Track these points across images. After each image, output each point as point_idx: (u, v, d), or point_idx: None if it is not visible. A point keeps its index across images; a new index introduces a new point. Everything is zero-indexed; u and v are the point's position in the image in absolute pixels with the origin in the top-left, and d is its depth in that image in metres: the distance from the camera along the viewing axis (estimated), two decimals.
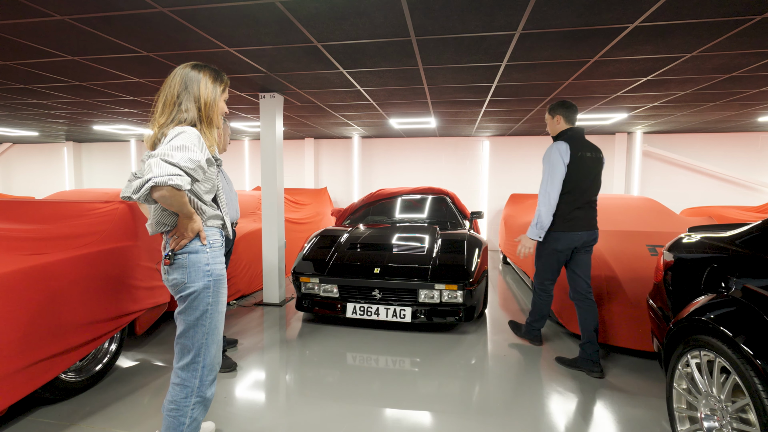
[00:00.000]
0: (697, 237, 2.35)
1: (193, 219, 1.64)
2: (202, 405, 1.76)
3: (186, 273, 1.68)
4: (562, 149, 2.84)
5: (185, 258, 1.68)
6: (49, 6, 2.29)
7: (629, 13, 2.31)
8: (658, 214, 4.88)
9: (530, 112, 5.61)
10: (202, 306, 1.70)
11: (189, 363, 1.72)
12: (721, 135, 7.60)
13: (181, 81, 1.66)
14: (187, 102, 1.65)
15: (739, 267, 1.85)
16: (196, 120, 1.66)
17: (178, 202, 1.52)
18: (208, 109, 1.70)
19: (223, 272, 1.78)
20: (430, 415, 2.36)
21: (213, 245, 1.74)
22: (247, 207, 5.50)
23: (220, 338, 1.81)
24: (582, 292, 2.95)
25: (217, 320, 1.76)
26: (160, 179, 1.43)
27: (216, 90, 1.72)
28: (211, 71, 1.72)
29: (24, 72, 3.67)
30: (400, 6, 2.24)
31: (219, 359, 1.81)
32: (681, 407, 2.01)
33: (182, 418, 1.70)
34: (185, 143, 1.53)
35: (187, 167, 1.50)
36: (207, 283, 1.70)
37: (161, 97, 1.67)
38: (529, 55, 3.08)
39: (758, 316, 1.60)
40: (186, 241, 1.67)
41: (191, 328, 1.71)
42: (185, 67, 1.69)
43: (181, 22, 2.50)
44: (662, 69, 3.44)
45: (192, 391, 1.71)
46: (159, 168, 1.45)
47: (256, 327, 3.82)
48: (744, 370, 1.57)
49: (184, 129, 1.58)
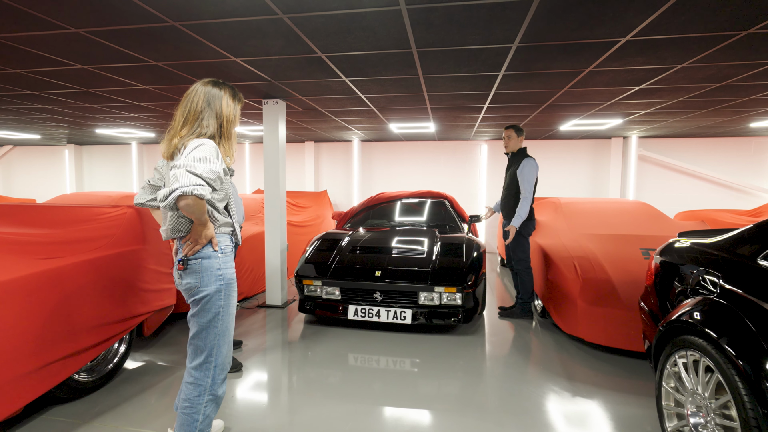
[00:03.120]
0: (686, 242, 2.46)
1: (207, 226, 1.74)
2: (214, 403, 1.85)
3: (199, 277, 1.77)
4: (536, 164, 3.94)
5: (198, 263, 1.77)
6: (64, 20, 2.38)
7: (621, 28, 2.42)
8: (652, 217, 4.99)
9: (528, 118, 5.72)
10: (214, 309, 1.79)
11: (202, 363, 1.81)
12: (715, 140, 7.74)
13: (205, 98, 1.76)
14: (209, 118, 1.76)
15: (723, 271, 1.96)
16: (215, 134, 1.76)
17: (199, 210, 1.62)
18: (229, 125, 1.82)
19: (233, 276, 1.87)
20: (429, 414, 2.45)
21: (224, 251, 1.84)
22: (250, 210, 5.59)
23: (231, 339, 1.90)
24: (528, 261, 4.07)
25: (228, 322, 1.85)
26: (186, 189, 1.52)
27: (236, 108, 1.85)
28: (230, 89, 1.84)
29: (33, 79, 3.75)
30: (402, 21, 2.34)
31: (230, 359, 1.90)
32: (669, 405, 2.11)
33: (196, 415, 1.79)
34: (206, 155, 1.62)
35: (209, 178, 1.60)
36: (219, 287, 1.79)
37: (182, 110, 1.77)
38: (525, 65, 3.19)
39: (739, 318, 1.71)
40: (199, 247, 1.76)
41: (204, 329, 1.80)
42: (206, 84, 1.79)
43: (191, 35, 2.60)
44: (654, 79, 3.56)
45: (205, 390, 1.80)
46: (185, 178, 1.54)
47: (259, 328, 3.90)
48: (726, 369, 1.67)
49: (204, 141, 1.68)
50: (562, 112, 5.23)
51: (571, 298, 3.48)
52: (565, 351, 3.39)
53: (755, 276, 1.80)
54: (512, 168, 4.05)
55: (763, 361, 1.54)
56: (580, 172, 8.33)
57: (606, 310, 3.30)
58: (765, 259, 1.81)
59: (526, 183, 3.87)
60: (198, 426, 1.79)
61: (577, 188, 8.38)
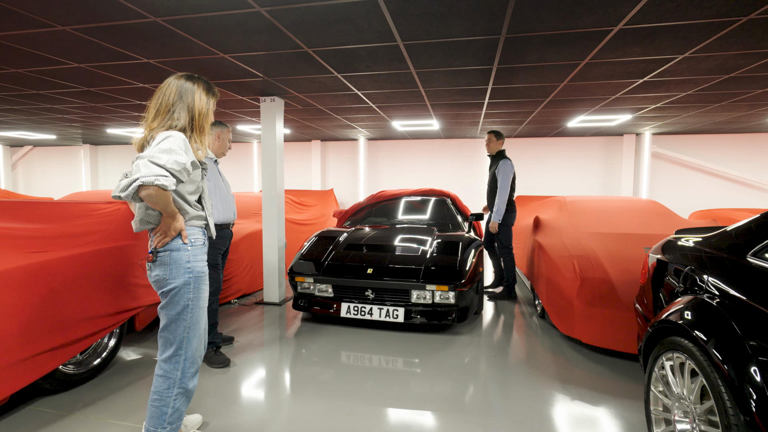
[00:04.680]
0: (679, 239, 2.35)
1: (175, 218, 1.73)
2: (185, 396, 1.84)
3: (168, 270, 1.76)
4: (511, 165, 4.55)
5: (167, 255, 1.77)
6: (49, 17, 2.42)
7: (610, 16, 2.32)
8: (661, 216, 4.81)
9: (532, 114, 5.60)
10: (182, 301, 1.78)
11: (171, 356, 1.80)
12: (733, 136, 7.44)
13: (177, 91, 1.77)
14: (180, 110, 1.76)
15: (711, 269, 1.86)
16: (186, 127, 1.77)
17: (163, 201, 1.62)
18: (202, 119, 1.82)
19: (204, 269, 1.86)
20: (420, 413, 2.40)
21: (194, 243, 1.83)
22: (251, 208, 5.63)
23: (202, 332, 1.89)
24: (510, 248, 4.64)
25: (198, 315, 1.84)
26: (147, 179, 1.52)
27: (209, 102, 1.85)
28: (204, 84, 1.84)
29: (36, 79, 3.85)
30: (381, 13, 2.30)
31: (201, 352, 1.89)
32: (658, 410, 2.01)
33: (165, 408, 1.79)
34: (172, 146, 1.63)
35: (173, 169, 1.60)
36: (187, 279, 1.78)
37: (155, 102, 1.78)
38: (518, 58, 3.11)
39: (725, 319, 1.61)
40: (168, 239, 1.75)
41: (173, 322, 1.79)
42: (180, 78, 1.80)
43: (175, 31, 2.61)
44: (657, 70, 3.42)
45: (174, 383, 1.80)
46: (147, 168, 1.54)
47: (254, 325, 3.91)
48: (710, 373, 1.58)
49: (172, 133, 1.68)
50: (567, 107, 5.10)
51: (568, 298, 3.38)
52: (560, 352, 3.29)
53: (743, 274, 1.70)
54: (492, 168, 4.65)
55: (746, 365, 1.44)
56: (591, 170, 8.12)
57: (604, 310, 3.18)
58: (755, 257, 1.70)
59: (502, 180, 4.47)
60: (167, 419, 1.79)
61: (588, 187, 8.18)
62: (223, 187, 3.11)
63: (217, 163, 3.15)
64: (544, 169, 8.26)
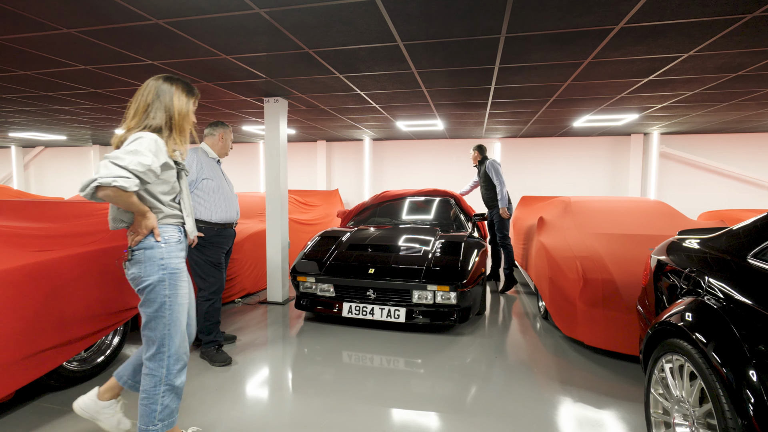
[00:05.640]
0: (682, 240, 2.32)
1: (146, 217, 1.74)
2: (173, 392, 1.86)
3: (142, 267, 1.78)
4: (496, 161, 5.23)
5: (141, 253, 1.78)
6: (55, 20, 2.47)
7: (611, 14, 2.30)
8: (667, 217, 4.74)
9: (537, 114, 5.56)
10: (159, 298, 1.79)
11: (155, 354, 1.82)
12: (743, 135, 7.31)
13: (154, 91, 1.79)
14: (157, 110, 1.78)
15: (711, 270, 1.83)
16: (162, 127, 1.78)
17: (123, 201, 1.63)
18: (182, 120, 1.83)
19: (179, 266, 1.86)
20: (421, 414, 2.40)
21: (168, 241, 1.83)
22: (255, 208, 5.67)
23: (183, 329, 1.88)
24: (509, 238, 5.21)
25: (177, 312, 1.84)
26: (104, 180, 1.54)
27: (189, 102, 1.86)
28: (183, 84, 1.85)
29: (44, 81, 3.92)
30: (380, 13, 2.30)
31: (185, 349, 1.89)
32: (657, 412, 1.99)
33: (154, 406, 1.81)
34: (138, 148, 1.65)
35: (136, 170, 1.61)
36: (162, 276, 1.79)
37: (134, 103, 1.80)
38: (519, 57, 3.09)
39: (724, 321, 1.58)
40: (140, 238, 1.77)
41: (152, 320, 1.81)
42: (158, 78, 1.82)
43: (177, 33, 2.64)
44: (662, 69, 3.38)
45: (160, 381, 1.82)
46: (106, 169, 1.57)
47: (257, 324, 3.94)
48: (708, 375, 1.55)
49: (143, 135, 1.70)
50: (572, 107, 5.06)
51: (571, 299, 3.35)
52: (563, 354, 3.27)
53: (744, 276, 1.67)
54: (481, 169, 5.32)
55: (744, 368, 1.42)
56: (598, 170, 8.04)
57: (607, 312, 3.15)
58: (755, 258, 1.67)
59: (495, 174, 5.08)
60: (157, 416, 1.81)
61: (595, 187, 8.10)
62: (226, 186, 3.14)
63: (219, 163, 3.18)
64: (549, 169, 8.20)
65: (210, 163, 3.07)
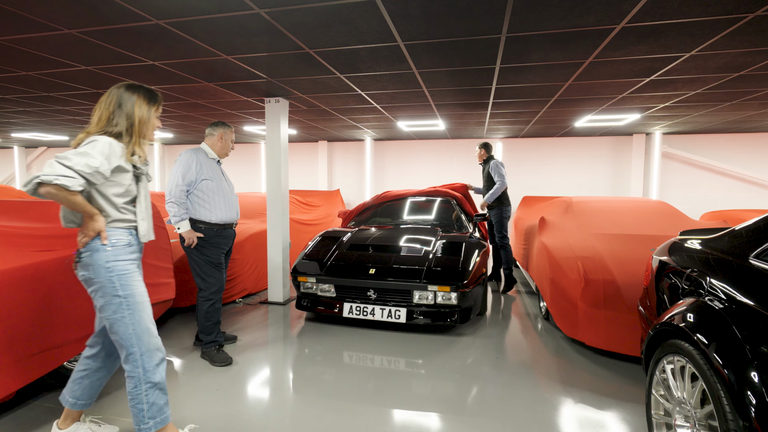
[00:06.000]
0: (684, 240, 2.31)
1: (94, 219, 1.77)
2: (155, 389, 1.86)
3: (90, 270, 1.81)
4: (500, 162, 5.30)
5: (88, 256, 1.81)
6: (55, 21, 2.47)
7: (612, 14, 2.29)
8: (670, 217, 4.72)
9: (538, 114, 5.55)
10: (113, 300, 1.81)
11: (127, 356, 1.84)
12: (746, 135, 7.29)
13: (117, 100, 1.84)
14: (119, 117, 1.83)
15: (713, 271, 1.82)
16: (124, 133, 1.83)
17: (67, 200, 1.65)
18: (142, 126, 1.89)
19: (127, 268, 1.85)
20: (421, 414, 2.39)
21: (116, 245, 1.84)
22: (257, 208, 5.67)
23: (148, 326, 1.88)
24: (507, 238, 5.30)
25: (138, 311, 1.85)
26: (46, 178, 1.57)
27: (150, 110, 1.91)
28: (145, 92, 1.90)
29: (45, 81, 3.93)
30: (380, 13, 2.30)
31: (156, 344, 1.90)
32: (659, 413, 1.98)
33: (140, 406, 1.83)
34: (88, 150, 1.69)
35: (83, 171, 1.64)
36: (110, 278, 1.80)
37: (98, 111, 1.84)
38: (520, 57, 3.08)
39: (726, 322, 1.57)
40: (87, 240, 1.79)
41: (114, 323, 1.82)
42: (121, 87, 1.87)
43: (177, 33, 2.65)
44: (664, 69, 3.36)
45: (139, 380, 1.83)
46: (50, 168, 1.59)
47: (257, 324, 3.94)
48: (709, 377, 1.54)
49: (97, 138, 1.75)
50: (573, 107, 5.04)
51: (572, 300, 3.34)
52: (564, 355, 3.26)
53: (745, 276, 1.66)
54: (486, 168, 5.38)
55: (746, 369, 1.41)
56: (600, 170, 8.02)
57: (608, 312, 3.14)
58: (757, 259, 1.66)
59: (498, 174, 5.20)
60: (146, 414, 1.82)
61: (597, 187, 8.08)
62: (225, 187, 3.14)
63: (219, 163, 3.18)
64: (551, 169, 8.19)
65: (210, 164, 3.07)
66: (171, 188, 2.92)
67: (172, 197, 2.91)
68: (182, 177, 2.91)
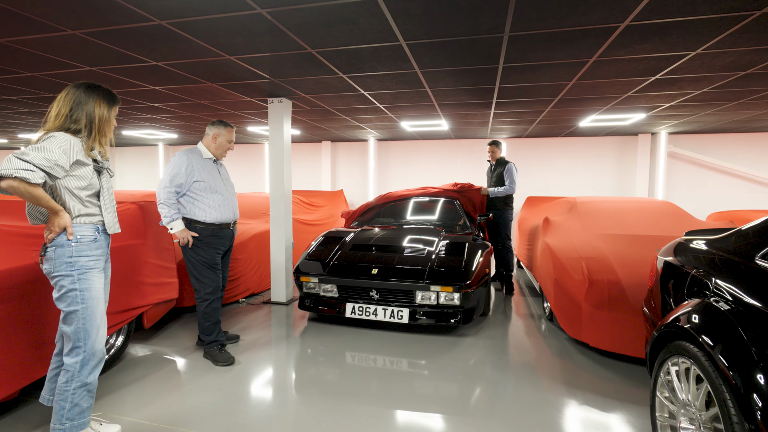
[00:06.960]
0: (689, 241, 2.28)
1: (59, 215, 1.80)
2: (84, 390, 1.87)
3: (53, 264, 1.85)
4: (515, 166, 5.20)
5: (53, 251, 1.85)
6: (60, 22, 2.49)
7: (616, 12, 2.27)
8: (675, 217, 4.68)
9: (542, 113, 5.52)
10: (70, 294, 1.85)
11: (71, 348, 1.87)
12: (753, 135, 7.21)
13: (75, 99, 1.87)
14: (78, 115, 1.86)
15: (719, 271, 1.80)
16: (83, 130, 1.87)
17: (30, 194, 1.69)
18: (102, 124, 1.92)
19: (89, 264, 1.89)
20: (424, 415, 2.38)
21: (80, 240, 1.88)
22: (260, 208, 5.68)
23: (99, 325, 1.91)
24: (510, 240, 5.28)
25: (92, 307, 1.88)
26: (5, 172, 1.61)
27: (110, 109, 1.95)
28: (102, 93, 1.93)
29: (50, 82, 3.96)
30: (382, 12, 2.29)
31: (100, 346, 1.92)
32: (663, 416, 1.96)
33: (63, 403, 1.83)
34: (45, 145, 1.72)
35: (42, 165, 1.68)
36: (70, 273, 1.84)
37: (54, 110, 1.87)
38: (524, 56, 3.06)
39: (731, 323, 1.55)
40: (53, 236, 1.83)
41: (67, 315, 1.86)
42: (78, 87, 1.89)
43: (180, 34, 2.65)
44: (669, 68, 3.33)
45: (73, 376, 1.84)
46: (9, 163, 1.64)
47: (260, 324, 3.94)
48: (715, 379, 1.52)
49: (53, 134, 1.78)
50: (577, 106, 5.01)
51: (576, 301, 3.31)
52: (567, 356, 3.23)
53: (751, 277, 1.64)
54: (499, 170, 5.25)
55: (752, 372, 1.39)
56: (605, 170, 7.97)
57: (612, 313, 3.11)
58: (764, 259, 1.63)
59: (510, 179, 5.14)
60: (65, 414, 1.82)
61: (602, 187, 8.03)
62: (222, 186, 3.12)
63: (216, 162, 3.17)
64: (555, 169, 8.14)
65: (204, 164, 3.06)
66: (159, 190, 2.93)
67: (161, 199, 2.93)
68: (170, 180, 2.92)
